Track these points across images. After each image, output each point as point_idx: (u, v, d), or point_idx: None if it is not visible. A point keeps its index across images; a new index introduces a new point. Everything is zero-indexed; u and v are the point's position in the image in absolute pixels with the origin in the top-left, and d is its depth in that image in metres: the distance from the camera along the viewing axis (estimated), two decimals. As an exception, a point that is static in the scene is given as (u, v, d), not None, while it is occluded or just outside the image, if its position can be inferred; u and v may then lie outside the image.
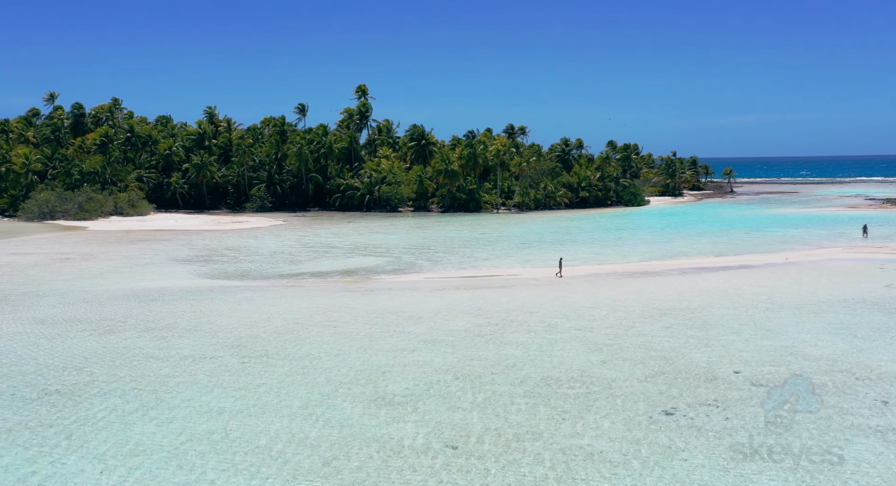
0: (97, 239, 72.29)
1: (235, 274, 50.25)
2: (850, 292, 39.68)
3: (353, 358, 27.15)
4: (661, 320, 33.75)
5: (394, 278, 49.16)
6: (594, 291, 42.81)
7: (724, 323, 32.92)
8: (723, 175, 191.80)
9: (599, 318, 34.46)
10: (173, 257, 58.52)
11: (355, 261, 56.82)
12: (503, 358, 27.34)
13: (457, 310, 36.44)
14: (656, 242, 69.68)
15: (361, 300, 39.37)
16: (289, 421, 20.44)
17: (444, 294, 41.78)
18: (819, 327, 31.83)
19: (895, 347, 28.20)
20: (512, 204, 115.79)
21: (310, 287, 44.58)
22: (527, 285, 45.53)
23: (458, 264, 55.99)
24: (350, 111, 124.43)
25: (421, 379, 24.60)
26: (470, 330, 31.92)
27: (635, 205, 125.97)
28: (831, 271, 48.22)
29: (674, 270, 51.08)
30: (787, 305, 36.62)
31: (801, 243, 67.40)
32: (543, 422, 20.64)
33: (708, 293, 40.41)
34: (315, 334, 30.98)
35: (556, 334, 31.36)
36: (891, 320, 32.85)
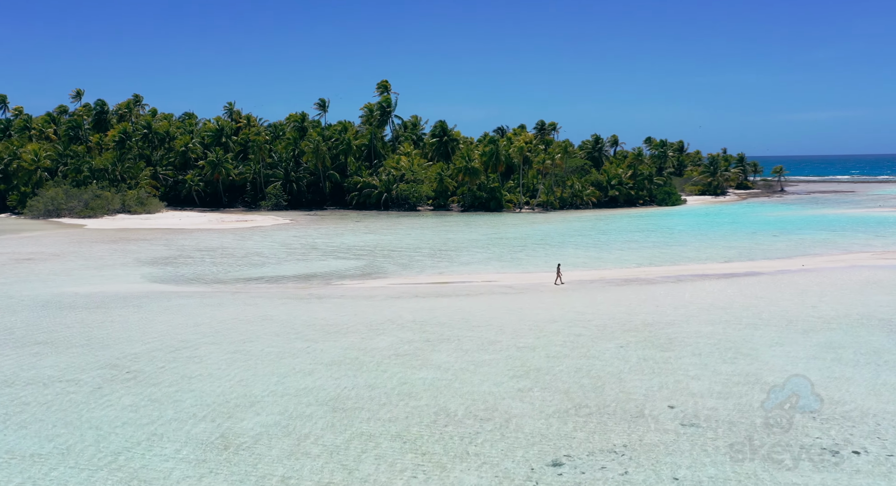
0: (84, 238, 70.24)
1: (188, 278, 47.08)
2: (858, 307, 34.40)
3: (229, 383, 23.38)
4: (620, 338, 29.29)
5: (355, 283, 45.33)
6: (564, 301, 38.29)
7: (690, 342, 28.30)
8: (772, 173, 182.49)
9: (550, 334, 30.09)
10: (140, 258, 55.74)
11: (326, 264, 53.16)
12: (406, 385, 23.25)
13: (395, 323, 32.41)
14: (667, 245, 64.30)
15: (296, 310, 35.63)
16: (87, 475, 16.67)
17: (395, 304, 37.79)
18: (800, 348, 26.95)
19: (880, 376, 23.23)
20: (536, 203, 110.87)
21: (255, 294, 41.04)
22: (495, 294, 41.24)
23: (436, 268, 51.88)
24: (370, 107, 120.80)
25: (288, 413, 20.66)
26: (392, 348, 27.89)
27: (669, 204, 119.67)
28: (847, 280, 42.69)
29: (669, 277, 46.09)
30: (774, 321, 31.64)
31: (832, 246, 61.38)
32: (396, 477, 16.52)
33: (691, 306, 35.55)
34: (212, 352, 27.30)
35: (488, 353, 27.16)
36: (889, 340, 27.72)
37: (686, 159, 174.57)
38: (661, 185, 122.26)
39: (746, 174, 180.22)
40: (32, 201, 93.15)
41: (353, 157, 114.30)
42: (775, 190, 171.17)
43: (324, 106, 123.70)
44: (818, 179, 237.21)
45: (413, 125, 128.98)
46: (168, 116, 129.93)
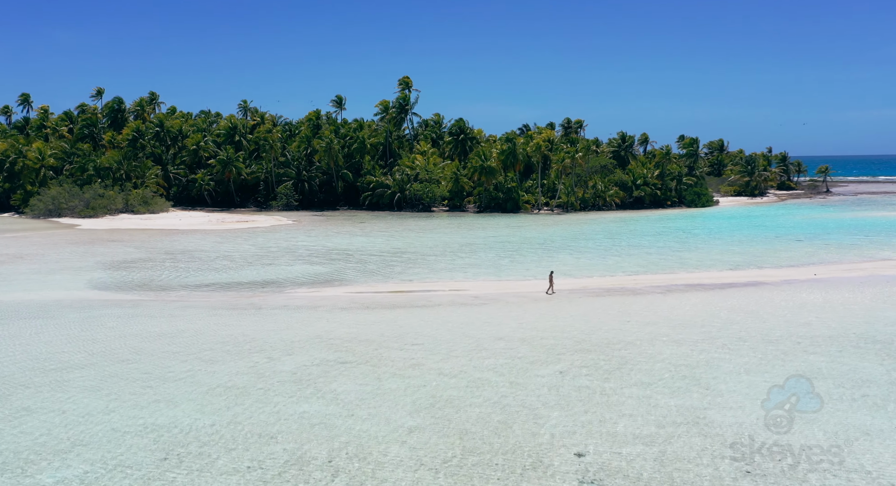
0: (65, 239, 67.98)
1: (135, 284, 43.99)
2: (859, 325, 29.42)
3: (65, 418, 19.62)
4: (565, 361, 25.02)
5: (308, 292, 41.64)
6: (524, 314, 34.03)
7: (643, 367, 23.87)
8: (817, 173, 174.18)
9: (487, 356, 25.89)
10: (101, 261, 52.91)
11: (291, 269, 49.55)
12: (276, 423, 19.24)
13: (320, 339, 28.55)
14: (673, 250, 59.16)
15: (218, 324, 32.02)
16: None
17: (335, 316, 33.99)
18: (770, 377, 22.29)
19: (856, 413, 18.52)
20: (555, 204, 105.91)
21: (191, 303, 37.64)
22: (454, 305, 37.13)
23: (406, 274, 47.90)
24: (384, 104, 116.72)
25: (104, 462, 16.69)
26: (294, 372, 24.00)
27: (699, 206, 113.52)
28: (858, 292, 37.54)
29: (658, 287, 41.37)
30: (753, 341, 26.91)
31: (857, 253, 55.71)
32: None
33: (665, 321, 30.93)
34: (81, 377, 23.58)
35: (401, 380, 23.11)
36: (881, 367, 22.90)
37: (726, 159, 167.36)
38: (691, 185, 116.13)
39: (789, 174, 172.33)
40: (34, 201, 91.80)
41: (369, 156, 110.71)
42: (820, 191, 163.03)
43: (340, 103, 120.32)
44: (869, 180, 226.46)
45: (436, 124, 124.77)
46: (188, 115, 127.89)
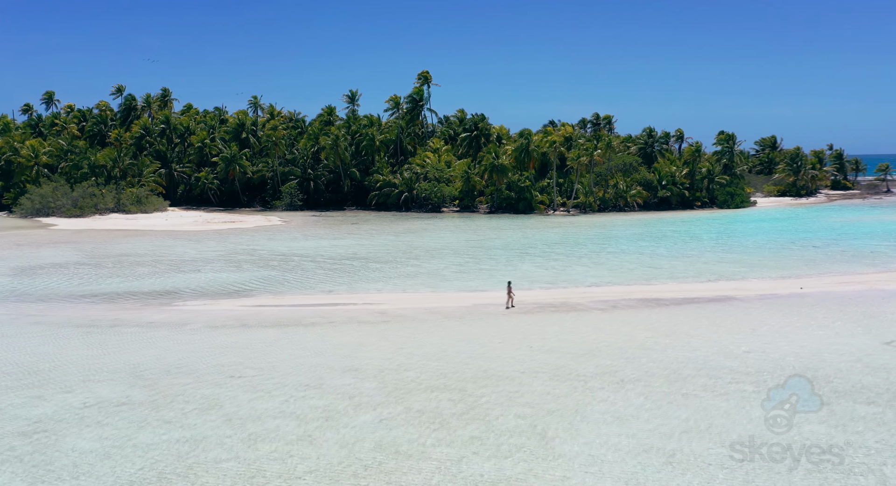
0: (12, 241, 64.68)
1: (15, 293, 40.02)
2: (806, 357, 23.42)
3: None
4: (401, 404, 20.48)
5: (198, 304, 36.83)
6: (420, 336, 28.66)
7: (489, 414, 19.24)
8: (876, 171, 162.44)
9: (316, 395, 21.41)
10: (17, 266, 49.04)
11: (205, 277, 44.61)
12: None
13: (128, 371, 23.92)
14: (661, 256, 52.25)
15: (31, 348, 27.47)
16: None
17: (191, 337, 29.19)
18: (636, 430, 16.94)
19: None
20: (572, 205, 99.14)
21: (47, 317, 33.38)
22: (350, 323, 31.94)
23: (334, 283, 42.71)
24: (395, 99, 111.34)
25: None
26: (39, 422, 19.37)
27: (732, 207, 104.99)
28: (837, 311, 30.92)
29: (607, 301, 35.32)
30: (656, 378, 21.24)
31: (870, 262, 48.53)
32: None
33: (568, 350, 25.15)
34: None
35: (174, 430, 19.01)
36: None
37: (778, 157, 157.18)
38: (724, 184, 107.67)
39: (845, 173, 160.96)
40: (23, 199, 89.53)
41: (379, 153, 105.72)
42: (880, 191, 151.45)
43: (353, 98, 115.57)
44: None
45: (459, 121, 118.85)
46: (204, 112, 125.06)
